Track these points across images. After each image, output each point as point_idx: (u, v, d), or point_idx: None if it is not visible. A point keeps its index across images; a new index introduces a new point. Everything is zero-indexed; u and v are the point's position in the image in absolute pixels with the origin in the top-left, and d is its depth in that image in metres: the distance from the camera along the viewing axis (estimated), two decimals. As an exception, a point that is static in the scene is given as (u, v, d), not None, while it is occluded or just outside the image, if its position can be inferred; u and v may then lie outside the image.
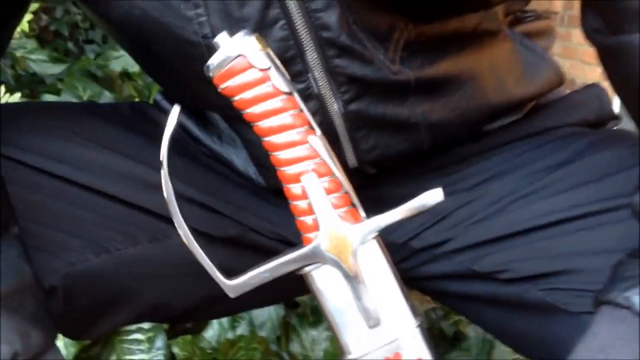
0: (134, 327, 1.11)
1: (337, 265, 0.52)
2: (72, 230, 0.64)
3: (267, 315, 1.15)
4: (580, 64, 3.62)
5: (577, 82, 3.61)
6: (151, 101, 0.81)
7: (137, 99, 1.49)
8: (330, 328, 0.55)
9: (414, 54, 0.63)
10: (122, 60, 1.51)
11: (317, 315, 1.12)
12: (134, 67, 1.53)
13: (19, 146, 0.64)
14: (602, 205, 0.63)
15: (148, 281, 0.70)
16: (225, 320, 1.14)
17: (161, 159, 0.53)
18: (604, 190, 0.63)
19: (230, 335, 1.10)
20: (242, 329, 1.12)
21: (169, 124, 0.53)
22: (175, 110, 0.53)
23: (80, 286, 0.64)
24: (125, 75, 1.49)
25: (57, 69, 1.67)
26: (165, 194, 0.54)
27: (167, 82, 0.72)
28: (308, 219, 0.52)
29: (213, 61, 0.51)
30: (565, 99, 0.76)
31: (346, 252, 0.51)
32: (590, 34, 0.59)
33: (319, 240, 0.51)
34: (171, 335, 1.16)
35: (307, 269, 0.53)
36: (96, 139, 0.68)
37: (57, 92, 1.46)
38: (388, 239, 0.62)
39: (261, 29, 0.56)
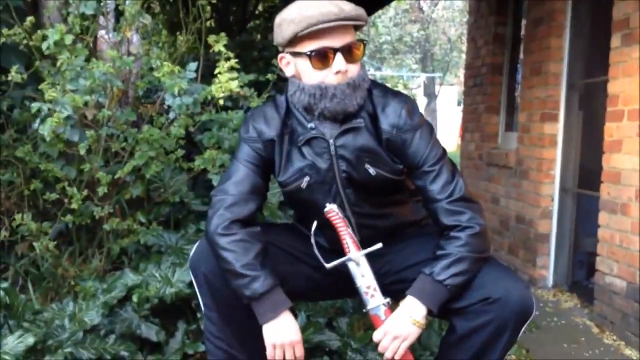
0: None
1: (355, 261, 2.01)
2: (271, 261, 2.08)
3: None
4: (528, 206, 4.83)
5: (526, 219, 4.96)
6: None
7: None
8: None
9: (374, 207, 2.13)
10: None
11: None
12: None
13: (268, 236, 2.11)
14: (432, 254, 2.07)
15: (289, 278, 2.12)
16: (304, 317, 2.62)
17: (312, 234, 2.05)
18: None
19: (305, 322, 2.60)
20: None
21: (313, 229, 2.05)
22: (314, 225, 2.05)
23: None
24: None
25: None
26: (313, 246, 2.04)
27: (305, 214, 2.21)
28: (346, 249, 2.02)
29: (325, 209, 2.03)
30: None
31: (357, 257, 2.01)
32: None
33: (350, 254, 2.01)
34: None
35: (347, 262, 2.02)
36: (283, 231, 2.23)
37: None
38: (376, 267, 2.08)
39: (335, 202, 2.07)
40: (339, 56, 1.97)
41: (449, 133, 19.03)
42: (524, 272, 4.89)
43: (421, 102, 17.98)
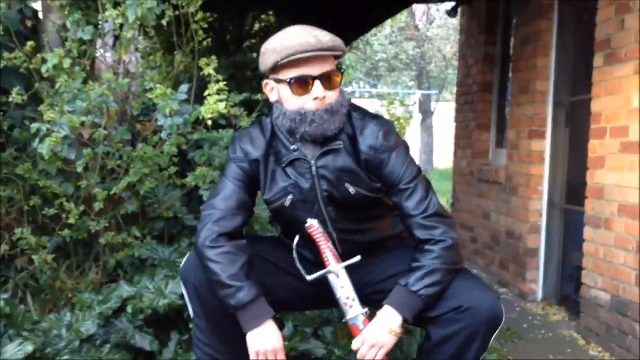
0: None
1: (335, 274, 2.12)
2: (258, 273, 2.20)
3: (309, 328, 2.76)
4: (518, 221, 4.93)
5: (516, 234, 5.06)
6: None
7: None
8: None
9: (354, 223, 2.24)
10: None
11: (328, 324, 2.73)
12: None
13: (255, 249, 2.24)
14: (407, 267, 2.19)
15: (276, 288, 2.25)
16: (291, 327, 2.72)
17: (294, 247, 2.16)
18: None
19: (292, 331, 2.69)
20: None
21: (295, 242, 2.17)
22: (297, 239, 2.17)
23: None
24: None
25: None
26: (295, 259, 2.16)
27: (289, 229, 2.32)
28: (327, 262, 2.13)
29: (306, 225, 2.15)
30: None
31: (337, 269, 2.12)
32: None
33: (330, 267, 2.13)
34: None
35: (327, 275, 2.13)
36: (270, 244, 2.34)
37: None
38: (357, 278, 2.20)
39: (318, 219, 2.19)
40: (317, 84, 2.11)
41: (446, 150, 19.02)
42: (515, 286, 4.99)
43: (417, 119, 18.07)
